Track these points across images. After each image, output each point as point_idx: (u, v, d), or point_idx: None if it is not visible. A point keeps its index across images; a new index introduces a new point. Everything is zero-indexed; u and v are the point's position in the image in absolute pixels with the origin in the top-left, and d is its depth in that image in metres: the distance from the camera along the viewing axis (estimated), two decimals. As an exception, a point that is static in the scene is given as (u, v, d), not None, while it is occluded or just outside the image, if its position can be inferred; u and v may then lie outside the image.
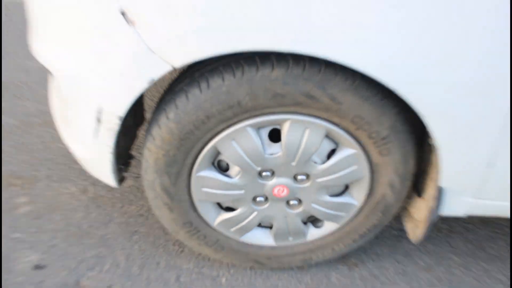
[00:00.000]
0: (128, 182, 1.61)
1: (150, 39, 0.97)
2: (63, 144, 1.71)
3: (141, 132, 1.69)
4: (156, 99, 1.78)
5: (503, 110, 1.00)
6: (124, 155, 1.30)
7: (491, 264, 1.43)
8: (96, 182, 1.60)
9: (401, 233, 1.51)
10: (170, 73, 1.21)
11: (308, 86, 1.02)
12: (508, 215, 1.23)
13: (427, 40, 0.91)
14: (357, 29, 0.91)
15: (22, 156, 1.66)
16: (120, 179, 1.26)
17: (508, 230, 1.54)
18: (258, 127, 1.10)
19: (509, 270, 1.42)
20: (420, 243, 1.48)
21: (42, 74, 2.00)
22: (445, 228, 1.54)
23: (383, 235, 1.50)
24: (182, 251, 1.42)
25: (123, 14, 0.96)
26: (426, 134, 1.15)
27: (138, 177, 1.63)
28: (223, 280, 1.35)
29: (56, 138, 1.75)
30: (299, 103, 1.04)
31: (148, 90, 1.82)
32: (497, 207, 1.20)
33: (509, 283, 1.37)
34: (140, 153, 1.70)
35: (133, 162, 1.61)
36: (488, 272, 1.41)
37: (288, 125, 1.08)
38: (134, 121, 1.30)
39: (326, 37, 0.92)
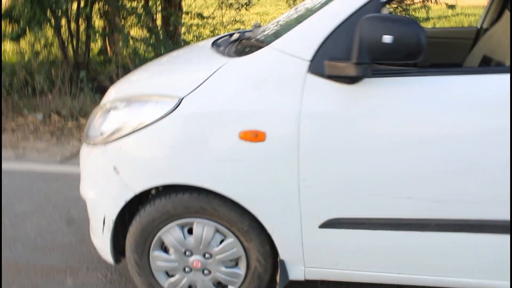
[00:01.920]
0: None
1: (126, 179, 1.70)
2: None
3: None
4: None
5: (298, 219, 1.62)
6: (121, 248, 1.95)
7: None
8: (113, 272, 2.22)
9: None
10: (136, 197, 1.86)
11: (202, 202, 1.68)
12: (330, 278, 1.74)
13: (262, 187, 1.58)
14: (226, 179, 1.59)
15: (75, 256, 2.33)
16: (117, 260, 1.90)
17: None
18: (181, 226, 1.76)
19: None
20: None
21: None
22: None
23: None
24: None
25: (115, 168, 1.72)
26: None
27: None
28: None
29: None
30: (199, 212, 1.69)
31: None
32: (320, 273, 1.73)
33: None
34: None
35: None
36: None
37: (195, 224, 1.73)
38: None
39: (210, 179, 1.61)
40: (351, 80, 1.45)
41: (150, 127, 1.63)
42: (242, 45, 1.82)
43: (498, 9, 2.70)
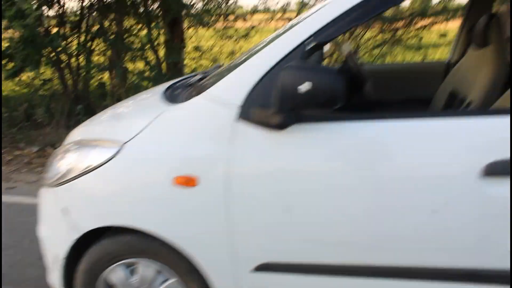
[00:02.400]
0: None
1: (73, 220, 1.77)
2: None
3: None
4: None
5: (232, 262, 1.65)
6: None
7: None
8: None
9: None
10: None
11: (144, 244, 1.73)
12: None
13: (196, 231, 1.64)
14: (162, 222, 1.65)
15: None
16: (70, 297, 1.97)
17: None
18: (126, 265, 1.81)
19: None
20: None
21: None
22: None
23: None
24: None
25: (64, 209, 1.80)
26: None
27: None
28: None
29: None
30: (142, 252, 1.75)
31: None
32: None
33: None
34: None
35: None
36: None
37: (139, 265, 1.79)
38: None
39: (149, 222, 1.67)
40: (278, 127, 1.49)
41: (95, 171, 1.71)
42: (188, 90, 1.90)
43: (464, 44, 2.74)
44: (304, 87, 1.36)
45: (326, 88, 1.36)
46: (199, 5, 5.96)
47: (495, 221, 1.47)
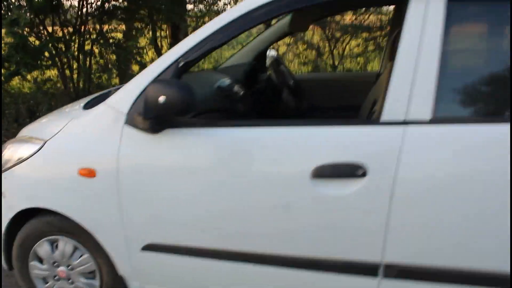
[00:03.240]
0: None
1: (9, 202, 2.20)
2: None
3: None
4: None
5: (124, 242, 2.03)
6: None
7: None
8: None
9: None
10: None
11: (62, 223, 2.13)
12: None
13: (96, 214, 2.03)
14: (71, 206, 2.06)
15: None
16: (10, 267, 2.39)
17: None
18: (50, 241, 2.22)
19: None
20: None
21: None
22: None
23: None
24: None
25: (2, 193, 2.23)
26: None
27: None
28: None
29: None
30: (61, 230, 2.14)
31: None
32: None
33: None
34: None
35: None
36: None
37: (59, 241, 2.19)
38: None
39: (61, 205, 2.07)
40: (150, 131, 1.85)
41: (24, 162, 2.12)
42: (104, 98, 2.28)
43: (390, 56, 2.99)
44: (162, 99, 1.70)
45: (177, 100, 1.70)
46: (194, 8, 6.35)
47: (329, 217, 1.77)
